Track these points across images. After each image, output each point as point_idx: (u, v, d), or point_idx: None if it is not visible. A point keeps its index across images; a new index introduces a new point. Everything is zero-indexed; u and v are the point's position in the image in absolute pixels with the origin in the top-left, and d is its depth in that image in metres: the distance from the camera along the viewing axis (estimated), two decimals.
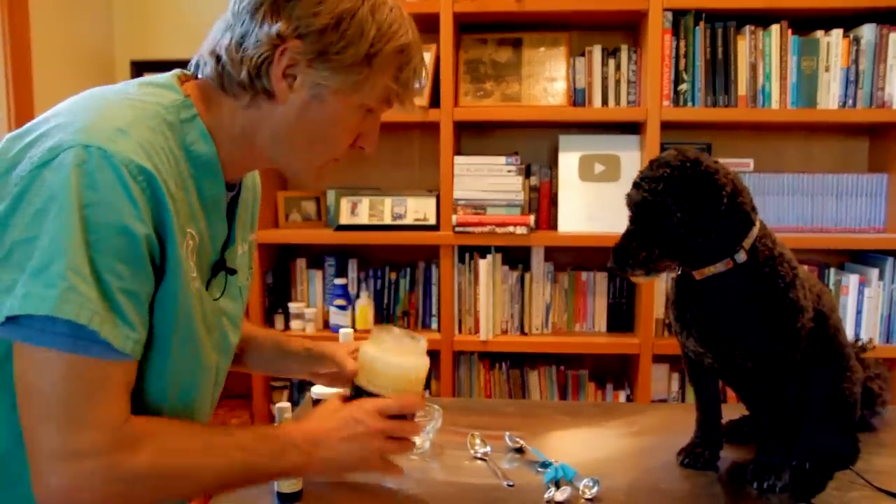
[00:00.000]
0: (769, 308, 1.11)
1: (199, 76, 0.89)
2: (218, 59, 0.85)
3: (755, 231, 1.11)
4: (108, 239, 0.74)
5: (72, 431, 0.74)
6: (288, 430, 0.91)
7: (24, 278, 0.72)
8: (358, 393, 0.99)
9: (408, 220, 2.37)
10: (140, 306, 0.78)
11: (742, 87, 2.25)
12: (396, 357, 0.98)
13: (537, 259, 2.39)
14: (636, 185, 1.11)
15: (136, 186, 0.75)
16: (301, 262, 2.53)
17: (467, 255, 2.36)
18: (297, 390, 2.51)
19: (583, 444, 1.34)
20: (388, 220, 2.39)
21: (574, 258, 2.48)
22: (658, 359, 2.32)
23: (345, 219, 2.41)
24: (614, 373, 2.53)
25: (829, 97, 2.24)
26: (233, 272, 0.97)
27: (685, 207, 1.05)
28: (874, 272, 2.26)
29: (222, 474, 0.84)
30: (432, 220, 2.35)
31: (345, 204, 2.42)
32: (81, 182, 0.73)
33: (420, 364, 1.00)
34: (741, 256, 1.10)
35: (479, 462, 1.22)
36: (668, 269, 1.14)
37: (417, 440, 1.10)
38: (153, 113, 0.82)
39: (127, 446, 0.77)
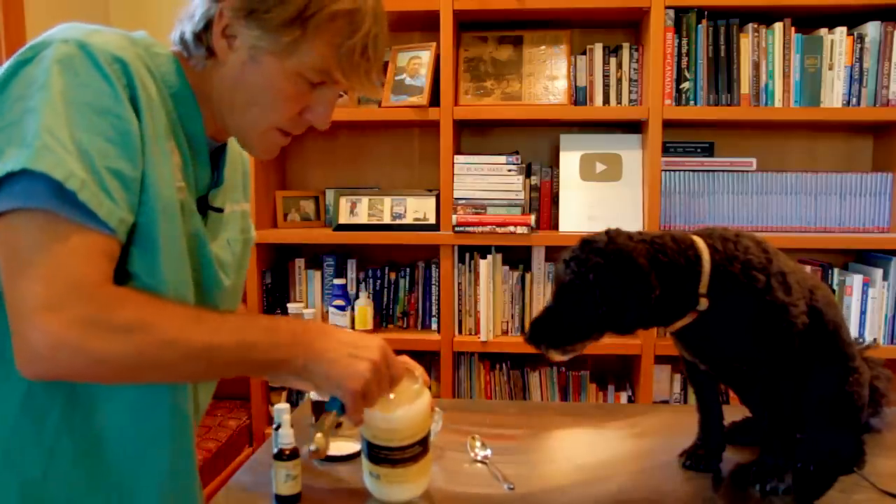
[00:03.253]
0: (751, 317, 1.07)
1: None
2: (181, 23, 0.89)
3: (706, 269, 1.05)
4: (90, 117, 0.74)
5: (52, 285, 0.71)
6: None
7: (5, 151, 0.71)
8: (371, 448, 1.03)
9: (407, 220, 2.36)
10: (127, 188, 0.76)
11: (745, 86, 2.23)
12: (400, 408, 1.01)
13: (538, 259, 2.38)
14: (565, 263, 1.06)
15: (112, 72, 0.76)
16: (300, 262, 2.52)
17: (467, 255, 2.34)
18: (297, 392, 2.49)
19: (584, 446, 1.33)
20: (387, 220, 2.37)
21: None
22: (660, 360, 2.30)
23: (344, 218, 2.39)
24: (616, 374, 2.51)
25: (833, 96, 2.22)
26: (219, 210, 0.97)
27: (611, 301, 1.01)
28: (878, 272, 2.24)
29: (213, 343, 0.78)
30: (432, 220, 2.34)
31: (344, 203, 2.40)
32: (62, 69, 0.74)
33: (424, 402, 1.03)
34: (703, 305, 1.05)
35: (479, 465, 1.21)
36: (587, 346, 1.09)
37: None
38: (122, 36, 0.83)
39: (113, 300, 0.74)
